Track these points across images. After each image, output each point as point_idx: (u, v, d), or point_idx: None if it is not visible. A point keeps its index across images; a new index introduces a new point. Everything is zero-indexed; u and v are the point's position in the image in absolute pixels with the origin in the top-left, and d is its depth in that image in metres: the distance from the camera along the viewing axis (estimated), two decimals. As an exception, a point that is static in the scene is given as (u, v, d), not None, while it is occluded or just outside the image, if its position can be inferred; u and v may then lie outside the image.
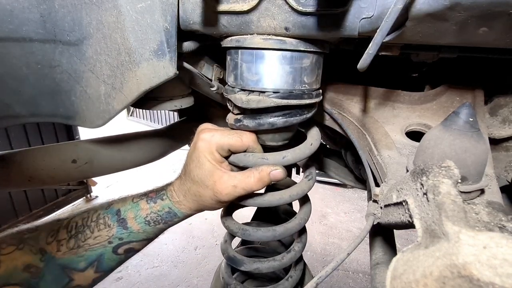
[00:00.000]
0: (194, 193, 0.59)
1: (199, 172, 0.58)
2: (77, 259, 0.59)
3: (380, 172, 0.63)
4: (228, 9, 0.50)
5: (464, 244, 0.28)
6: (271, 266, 0.75)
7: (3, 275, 0.49)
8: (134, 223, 0.62)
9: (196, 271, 2.97)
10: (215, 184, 0.57)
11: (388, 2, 0.42)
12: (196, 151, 0.59)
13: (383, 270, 0.58)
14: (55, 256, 0.57)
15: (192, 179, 0.59)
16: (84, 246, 0.60)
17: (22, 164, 0.84)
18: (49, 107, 0.64)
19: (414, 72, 0.98)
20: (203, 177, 0.58)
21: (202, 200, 0.60)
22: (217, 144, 0.58)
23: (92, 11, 0.56)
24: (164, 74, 0.57)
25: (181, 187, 0.61)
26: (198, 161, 0.58)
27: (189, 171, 0.60)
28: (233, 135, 0.59)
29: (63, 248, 0.58)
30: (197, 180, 0.58)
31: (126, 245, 0.63)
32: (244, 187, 0.57)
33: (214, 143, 0.58)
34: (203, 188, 0.58)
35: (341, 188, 4.62)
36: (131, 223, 0.62)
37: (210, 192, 0.58)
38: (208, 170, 0.58)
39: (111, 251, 0.62)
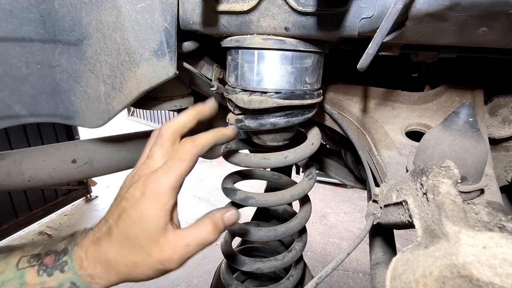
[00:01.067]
0: (125, 264, 0.42)
1: (140, 236, 0.42)
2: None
3: (380, 172, 0.63)
4: (228, 9, 0.50)
5: (464, 244, 0.28)
6: (273, 266, 0.75)
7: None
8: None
9: (196, 271, 2.96)
10: (163, 250, 0.42)
11: (388, 2, 0.42)
12: (142, 204, 0.42)
13: (383, 270, 0.58)
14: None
15: (123, 243, 0.42)
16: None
17: (22, 164, 0.84)
18: (49, 107, 0.64)
19: (414, 72, 0.98)
20: (145, 241, 0.42)
21: (137, 272, 0.43)
22: (173, 185, 0.44)
23: (92, 11, 0.56)
24: (164, 74, 0.57)
25: (97, 253, 0.42)
26: (142, 220, 0.42)
27: (120, 231, 0.42)
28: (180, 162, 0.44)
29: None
30: (136, 246, 0.42)
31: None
32: (198, 243, 0.44)
33: (169, 189, 0.43)
34: (142, 256, 0.42)
35: (341, 188, 4.62)
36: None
37: (154, 260, 0.42)
38: (155, 231, 0.42)
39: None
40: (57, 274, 0.42)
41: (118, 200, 0.45)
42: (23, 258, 0.43)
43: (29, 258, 0.43)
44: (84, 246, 0.43)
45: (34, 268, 0.42)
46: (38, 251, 0.44)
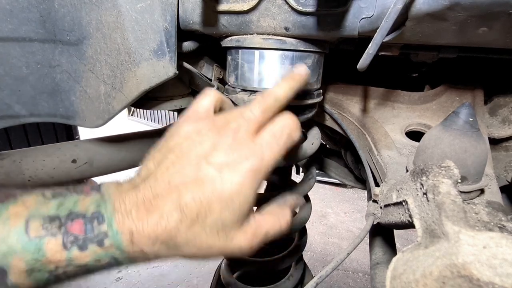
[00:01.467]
0: (197, 246, 0.34)
1: (227, 217, 0.34)
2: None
3: (380, 172, 0.63)
4: (228, 9, 0.50)
5: (464, 244, 0.28)
6: (273, 266, 0.75)
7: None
8: (24, 280, 0.30)
9: (196, 271, 2.97)
10: (246, 237, 0.36)
11: (388, 2, 0.42)
12: (239, 181, 0.33)
13: (383, 270, 0.58)
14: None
15: (202, 223, 0.33)
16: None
17: (22, 164, 0.84)
18: (49, 107, 0.64)
19: (414, 72, 0.98)
20: (232, 225, 0.34)
21: (203, 254, 0.35)
22: (273, 164, 0.36)
23: (91, 11, 0.56)
24: (164, 74, 0.57)
25: (159, 230, 0.32)
26: (234, 200, 0.33)
27: (197, 205, 0.33)
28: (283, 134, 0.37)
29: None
30: (217, 228, 0.34)
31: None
32: (276, 232, 0.40)
33: (270, 166, 0.35)
34: (222, 240, 0.35)
35: (341, 188, 4.62)
36: (18, 278, 0.30)
37: (233, 246, 0.36)
38: (244, 215, 0.35)
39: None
40: (94, 249, 0.31)
41: (193, 158, 0.34)
42: (34, 221, 0.30)
43: (43, 222, 0.31)
44: (133, 217, 0.32)
45: (57, 238, 0.30)
46: (52, 212, 0.31)
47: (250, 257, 0.82)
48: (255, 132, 0.36)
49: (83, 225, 0.31)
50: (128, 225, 0.32)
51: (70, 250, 0.31)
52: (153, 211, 0.32)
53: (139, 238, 0.32)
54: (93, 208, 0.32)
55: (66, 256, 0.31)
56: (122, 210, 0.32)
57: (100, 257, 0.32)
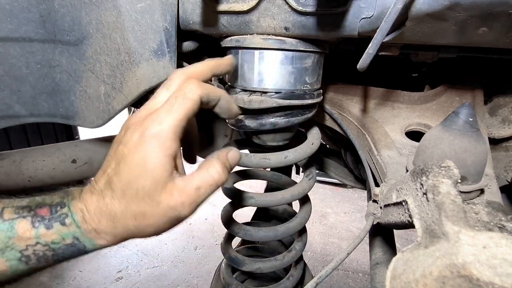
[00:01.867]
0: (132, 215, 0.38)
1: (144, 184, 0.37)
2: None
3: (380, 172, 0.64)
4: (228, 9, 0.50)
5: (464, 244, 0.28)
6: (273, 266, 0.75)
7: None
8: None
9: (196, 271, 2.97)
10: (172, 195, 0.38)
11: (387, 2, 0.42)
12: (142, 148, 0.38)
13: (382, 270, 0.58)
14: None
15: (127, 192, 0.37)
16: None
17: (22, 164, 0.84)
18: (48, 107, 0.64)
19: (414, 72, 0.98)
20: (151, 189, 0.37)
21: (146, 224, 0.39)
22: (176, 125, 0.39)
23: (91, 11, 0.56)
24: (164, 74, 0.57)
25: (100, 205, 0.38)
26: (144, 167, 0.37)
27: (121, 180, 0.38)
28: (184, 98, 0.40)
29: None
30: (141, 195, 0.37)
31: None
32: (210, 184, 0.41)
33: (171, 129, 0.38)
34: (150, 205, 0.38)
35: (341, 188, 4.62)
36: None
37: (164, 208, 0.38)
38: (160, 177, 0.38)
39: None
40: (58, 227, 0.37)
41: (115, 146, 0.40)
42: (7, 209, 0.37)
43: (16, 209, 0.37)
44: (83, 199, 0.38)
45: (27, 219, 0.36)
46: (24, 204, 0.38)
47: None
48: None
49: (49, 209, 0.38)
50: (79, 206, 0.38)
51: (38, 228, 0.36)
52: (94, 192, 0.39)
53: (88, 216, 0.38)
54: (58, 199, 0.39)
55: (34, 233, 0.36)
56: (77, 197, 0.40)
57: (64, 235, 0.37)
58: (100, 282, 2.77)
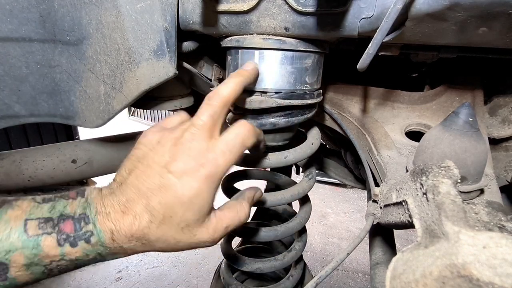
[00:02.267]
0: (166, 241, 0.40)
1: (190, 218, 0.40)
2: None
3: (379, 172, 0.64)
4: (228, 9, 0.50)
5: (464, 244, 0.28)
6: (273, 266, 0.75)
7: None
8: (23, 273, 0.35)
9: (196, 271, 2.97)
10: (208, 232, 0.42)
11: (387, 2, 0.43)
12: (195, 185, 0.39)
13: (382, 270, 0.58)
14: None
15: (169, 222, 0.39)
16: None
17: (21, 164, 0.84)
18: (48, 107, 0.64)
19: (414, 72, 0.98)
20: (193, 223, 0.40)
21: (173, 248, 0.42)
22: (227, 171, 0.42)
23: (91, 11, 0.56)
24: (164, 74, 0.57)
25: (134, 229, 0.38)
26: (194, 203, 0.39)
27: (165, 208, 0.39)
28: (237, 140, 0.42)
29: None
30: (182, 226, 0.40)
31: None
32: (236, 224, 0.46)
33: (223, 173, 0.41)
34: (186, 236, 0.41)
35: (341, 188, 4.62)
36: (18, 272, 0.35)
37: (197, 240, 0.42)
38: (204, 214, 0.41)
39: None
40: (83, 245, 0.37)
41: (156, 168, 0.40)
42: (31, 222, 0.35)
43: (39, 223, 0.36)
44: (113, 219, 0.38)
45: (52, 236, 0.36)
46: (45, 214, 0.37)
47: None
48: (209, 137, 0.42)
49: (72, 225, 0.37)
50: (108, 225, 0.38)
51: (64, 246, 0.36)
52: (127, 213, 0.38)
53: (118, 236, 0.38)
54: (80, 210, 0.38)
55: (60, 251, 0.36)
56: (103, 212, 0.38)
57: (89, 252, 0.38)
58: (100, 282, 2.77)
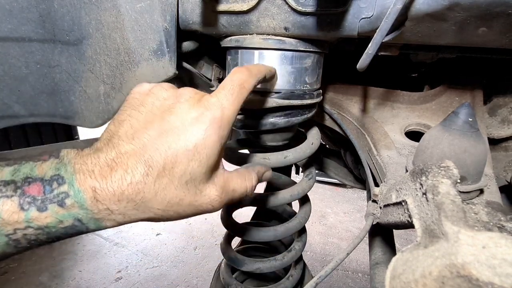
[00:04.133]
0: (166, 200, 0.34)
1: (195, 169, 0.34)
2: None
3: (379, 172, 0.64)
4: (228, 9, 0.50)
5: (463, 244, 0.28)
6: (272, 266, 0.75)
7: None
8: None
9: (196, 271, 2.96)
10: (217, 189, 0.37)
11: (387, 2, 0.43)
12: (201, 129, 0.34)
13: (382, 270, 0.58)
14: None
15: (171, 175, 0.33)
16: None
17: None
18: (48, 107, 0.64)
19: (413, 72, 0.98)
20: (201, 176, 0.35)
21: (175, 211, 0.35)
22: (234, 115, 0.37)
23: (91, 11, 0.56)
24: (164, 74, 0.57)
25: (125, 185, 0.32)
26: (201, 151, 0.34)
27: (166, 157, 0.33)
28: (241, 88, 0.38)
29: None
30: (185, 179, 0.34)
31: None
32: (242, 192, 0.41)
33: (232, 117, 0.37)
34: (192, 193, 0.35)
35: (341, 188, 4.62)
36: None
37: (203, 199, 0.36)
38: (213, 166, 0.36)
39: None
40: (54, 209, 0.30)
41: (157, 112, 0.35)
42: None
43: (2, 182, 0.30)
44: (96, 175, 0.31)
45: (12, 199, 0.29)
46: (6, 177, 0.30)
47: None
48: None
49: (41, 187, 0.30)
50: (90, 183, 0.31)
51: (28, 211, 0.30)
52: (116, 168, 0.32)
53: (103, 195, 0.31)
54: (52, 172, 0.31)
55: (24, 217, 0.29)
56: (84, 170, 0.31)
57: (63, 218, 0.31)
58: (99, 282, 2.77)
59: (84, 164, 0.32)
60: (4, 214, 0.29)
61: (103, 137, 0.35)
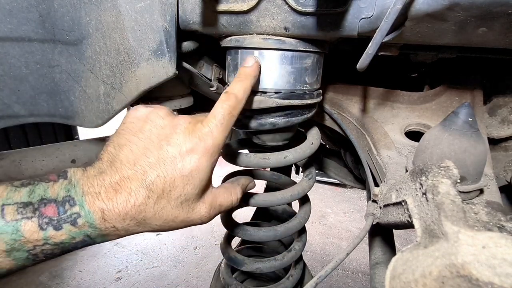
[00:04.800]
0: (163, 218, 0.39)
1: (190, 192, 0.39)
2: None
3: (379, 172, 0.64)
4: (228, 9, 0.50)
5: (463, 244, 0.28)
6: (272, 266, 0.75)
7: None
8: (3, 259, 0.34)
9: (196, 271, 2.96)
10: (205, 207, 0.42)
11: (387, 2, 0.43)
12: (195, 158, 0.39)
13: (382, 270, 0.58)
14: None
15: (169, 197, 0.38)
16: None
17: (21, 164, 0.84)
18: (48, 107, 0.64)
19: (413, 72, 0.98)
20: (193, 197, 0.40)
21: (169, 226, 0.41)
22: (223, 142, 0.42)
23: (91, 11, 0.56)
24: (164, 74, 0.57)
25: (129, 207, 0.37)
26: (195, 177, 0.39)
27: (165, 182, 0.38)
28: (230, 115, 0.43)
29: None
30: (181, 200, 0.39)
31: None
32: (227, 206, 0.47)
33: (221, 145, 0.42)
34: (185, 211, 0.40)
35: (341, 188, 4.62)
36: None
37: (194, 216, 0.42)
38: (204, 188, 0.41)
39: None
40: (68, 228, 0.35)
41: (155, 141, 0.39)
42: (8, 207, 0.33)
43: (17, 208, 0.34)
44: (103, 197, 0.36)
45: (32, 221, 0.34)
46: (24, 198, 0.34)
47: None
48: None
49: (55, 208, 0.35)
50: (98, 205, 0.36)
51: (46, 230, 0.34)
52: (121, 191, 0.36)
53: (110, 216, 0.36)
54: (63, 193, 0.36)
55: (43, 235, 0.34)
56: (92, 192, 0.36)
57: (75, 235, 0.36)
58: (99, 282, 2.77)
59: (91, 186, 0.37)
60: (26, 234, 0.34)
61: (104, 158, 0.40)
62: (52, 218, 0.35)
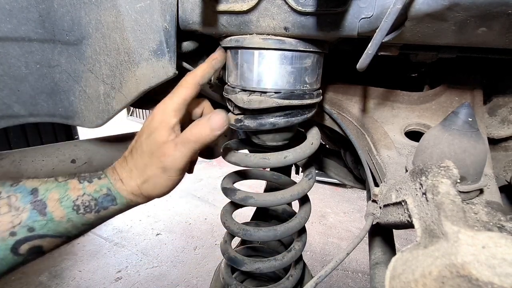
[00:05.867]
0: (141, 167, 0.53)
1: (150, 144, 0.52)
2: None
3: (379, 172, 0.64)
4: (228, 9, 0.50)
5: (463, 244, 0.28)
6: (272, 266, 0.75)
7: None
8: (57, 208, 0.47)
9: (196, 271, 2.97)
10: (165, 152, 0.52)
11: (387, 2, 0.43)
12: (151, 122, 0.53)
13: (382, 270, 0.58)
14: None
15: (139, 151, 0.53)
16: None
17: (21, 164, 0.84)
18: (48, 107, 0.64)
19: (413, 72, 0.98)
20: (154, 149, 0.52)
21: (149, 175, 0.52)
22: (176, 107, 0.53)
23: (91, 11, 0.56)
24: (164, 74, 0.57)
25: (124, 165, 0.54)
26: (151, 134, 0.53)
27: (137, 144, 0.54)
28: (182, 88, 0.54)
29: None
30: (146, 152, 0.52)
31: (34, 241, 0.46)
32: (207, 135, 0.53)
33: (170, 110, 0.53)
34: (153, 160, 0.52)
35: (341, 188, 4.62)
36: (53, 207, 0.47)
37: (160, 162, 0.52)
38: (160, 141, 0.52)
39: (9, 248, 0.44)
40: (96, 181, 0.51)
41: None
42: (59, 177, 0.51)
43: (65, 176, 0.51)
44: (114, 165, 0.55)
45: (75, 179, 0.51)
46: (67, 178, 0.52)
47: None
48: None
49: (88, 176, 0.52)
50: (108, 169, 0.55)
51: (83, 183, 0.51)
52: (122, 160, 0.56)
53: (118, 170, 0.54)
54: (93, 174, 0.53)
55: (81, 186, 0.50)
56: (109, 168, 0.55)
57: (101, 187, 0.51)
58: (99, 282, 2.77)
59: (110, 167, 0.56)
60: (71, 185, 0.50)
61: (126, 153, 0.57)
62: (86, 176, 0.52)
